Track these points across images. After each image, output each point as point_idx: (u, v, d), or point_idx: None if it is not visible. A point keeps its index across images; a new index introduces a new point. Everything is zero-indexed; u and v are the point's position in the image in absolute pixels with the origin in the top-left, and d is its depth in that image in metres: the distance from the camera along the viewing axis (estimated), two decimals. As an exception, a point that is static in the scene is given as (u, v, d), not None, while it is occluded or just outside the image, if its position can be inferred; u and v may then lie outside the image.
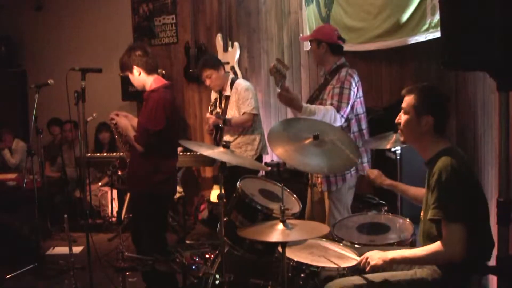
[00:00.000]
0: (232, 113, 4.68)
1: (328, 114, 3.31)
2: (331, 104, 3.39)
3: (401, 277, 2.35)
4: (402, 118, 2.45)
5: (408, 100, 2.41)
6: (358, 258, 2.52)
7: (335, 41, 3.57)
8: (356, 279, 2.37)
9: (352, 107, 3.46)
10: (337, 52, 3.60)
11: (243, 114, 4.63)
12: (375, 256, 2.37)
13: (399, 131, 2.51)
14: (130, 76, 3.58)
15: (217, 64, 4.68)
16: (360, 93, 3.53)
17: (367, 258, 2.39)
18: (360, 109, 3.54)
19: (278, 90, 3.21)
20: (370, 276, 2.38)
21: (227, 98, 4.73)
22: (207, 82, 4.72)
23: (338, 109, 3.36)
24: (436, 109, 2.35)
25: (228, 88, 4.73)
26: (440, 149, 2.34)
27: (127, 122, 3.58)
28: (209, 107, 4.94)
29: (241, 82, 4.78)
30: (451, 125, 3.87)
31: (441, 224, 2.24)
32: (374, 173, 3.06)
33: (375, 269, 2.37)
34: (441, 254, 2.22)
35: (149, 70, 3.55)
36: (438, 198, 2.23)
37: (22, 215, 5.09)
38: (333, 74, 3.55)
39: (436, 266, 2.31)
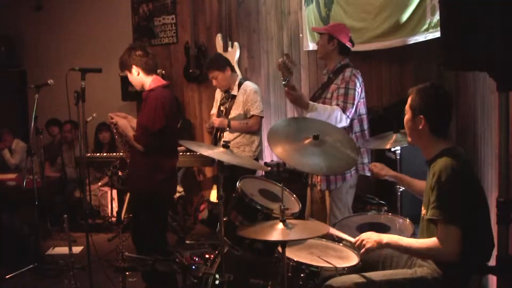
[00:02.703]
0: (237, 112, 4.67)
1: (334, 114, 3.32)
2: (337, 105, 3.39)
3: (401, 275, 2.36)
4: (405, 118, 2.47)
5: (409, 100, 2.44)
6: (357, 259, 2.53)
7: (346, 42, 3.59)
8: (356, 277, 2.37)
9: (356, 108, 3.46)
10: (344, 52, 3.61)
11: (251, 117, 4.62)
12: (370, 239, 2.38)
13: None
14: (129, 75, 3.58)
15: (223, 65, 4.65)
16: (363, 94, 3.54)
17: (362, 240, 2.40)
18: (362, 109, 3.55)
19: (284, 83, 3.18)
20: (370, 274, 2.38)
21: (233, 97, 4.73)
22: (214, 82, 4.72)
23: (344, 110, 3.37)
24: (427, 109, 2.36)
25: (235, 88, 4.71)
26: (441, 149, 2.34)
27: (126, 122, 3.58)
28: (219, 101, 4.88)
29: (250, 84, 4.75)
30: (451, 125, 3.87)
31: (438, 224, 2.24)
32: (377, 166, 3.06)
33: (370, 251, 2.39)
34: (435, 251, 2.23)
35: (148, 71, 3.55)
36: (437, 198, 2.24)
37: (22, 215, 5.09)
38: (337, 74, 3.56)
39: (436, 265, 2.32)
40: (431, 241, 2.26)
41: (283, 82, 3.17)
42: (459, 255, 2.19)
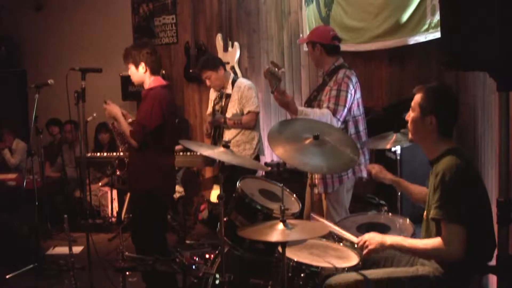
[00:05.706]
0: (233, 111, 4.68)
1: (324, 118, 3.29)
2: (328, 107, 3.37)
3: (403, 274, 2.35)
4: (410, 115, 2.45)
5: (416, 98, 2.41)
6: (358, 259, 2.53)
7: (330, 42, 3.54)
8: (357, 275, 2.37)
9: (349, 109, 3.44)
10: (333, 52, 3.57)
11: (247, 113, 4.63)
12: (373, 240, 2.37)
13: (408, 128, 2.50)
14: (133, 70, 3.56)
15: (216, 65, 4.66)
16: (358, 95, 3.51)
17: (365, 241, 2.40)
18: (357, 111, 3.51)
19: (272, 90, 3.15)
20: (371, 272, 2.38)
21: (228, 96, 4.74)
22: (207, 82, 4.73)
23: (334, 113, 3.34)
24: (440, 110, 2.34)
25: (229, 86, 4.73)
26: (445, 149, 2.34)
27: (118, 110, 3.56)
28: (213, 101, 4.90)
29: (244, 81, 4.78)
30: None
31: (441, 224, 2.24)
32: (375, 168, 2.96)
33: (372, 253, 2.38)
34: (439, 251, 2.23)
35: (154, 71, 3.57)
36: (441, 198, 2.23)
37: (22, 215, 5.09)
38: (331, 75, 3.53)
39: (438, 264, 2.32)
40: (435, 241, 2.25)
41: (272, 90, 3.14)
42: (463, 254, 2.19)
